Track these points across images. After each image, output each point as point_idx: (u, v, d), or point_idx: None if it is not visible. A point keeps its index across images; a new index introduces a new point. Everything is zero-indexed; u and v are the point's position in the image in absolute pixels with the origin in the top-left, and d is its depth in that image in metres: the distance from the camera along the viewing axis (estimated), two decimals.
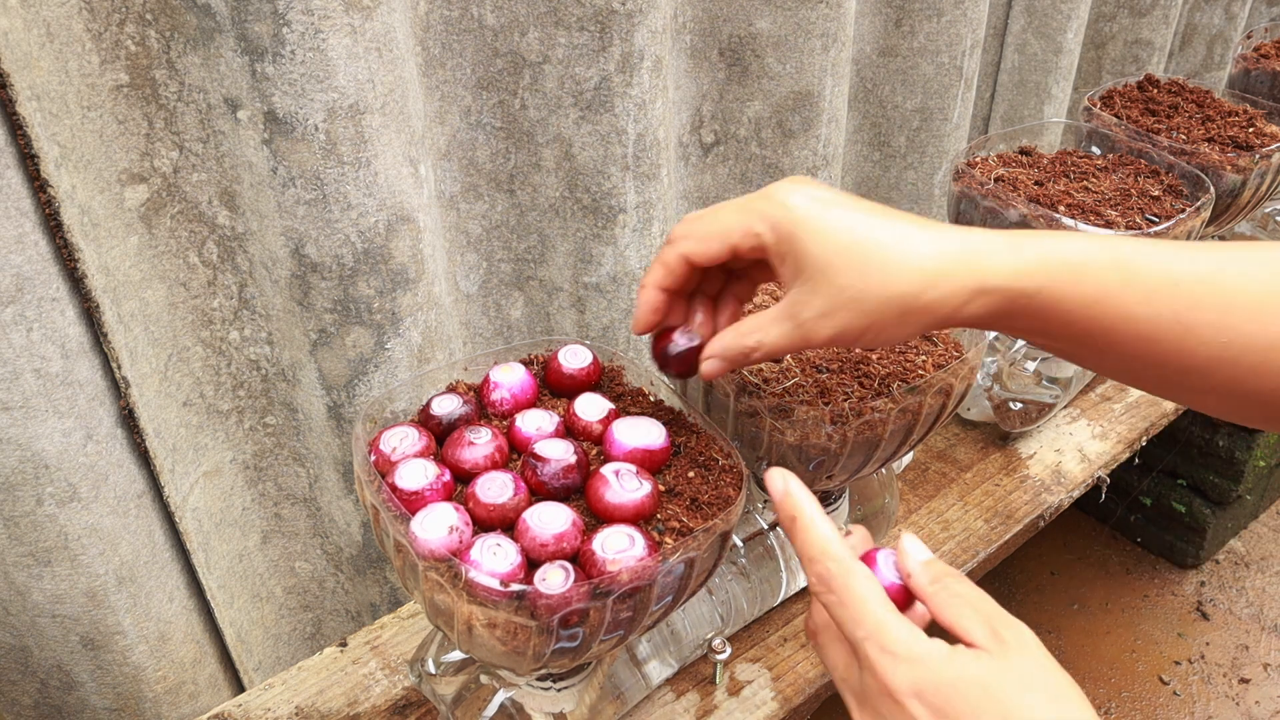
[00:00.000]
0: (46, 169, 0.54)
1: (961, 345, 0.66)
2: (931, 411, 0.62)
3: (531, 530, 0.48)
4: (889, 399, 0.59)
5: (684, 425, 0.58)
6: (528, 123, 0.75)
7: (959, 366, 0.62)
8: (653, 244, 0.83)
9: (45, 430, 0.58)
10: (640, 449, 0.54)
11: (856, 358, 0.63)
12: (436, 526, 0.48)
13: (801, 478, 0.62)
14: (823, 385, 0.60)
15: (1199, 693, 1.46)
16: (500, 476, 0.51)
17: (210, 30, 0.57)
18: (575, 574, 0.47)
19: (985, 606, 0.43)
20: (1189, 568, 1.66)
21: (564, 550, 0.48)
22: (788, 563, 0.75)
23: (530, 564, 0.48)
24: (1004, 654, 0.41)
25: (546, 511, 0.49)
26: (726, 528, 0.51)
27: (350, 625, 0.86)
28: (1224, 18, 1.47)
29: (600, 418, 0.57)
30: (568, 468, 0.52)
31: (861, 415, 0.58)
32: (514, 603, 0.46)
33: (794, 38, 0.85)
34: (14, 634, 0.65)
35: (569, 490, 0.52)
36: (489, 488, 0.50)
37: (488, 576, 0.46)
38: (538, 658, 0.49)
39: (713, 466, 0.55)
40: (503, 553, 0.47)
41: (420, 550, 0.47)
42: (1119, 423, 0.99)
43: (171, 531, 0.69)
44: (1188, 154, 0.91)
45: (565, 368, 0.60)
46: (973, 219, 0.83)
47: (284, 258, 0.65)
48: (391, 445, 0.54)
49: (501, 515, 0.50)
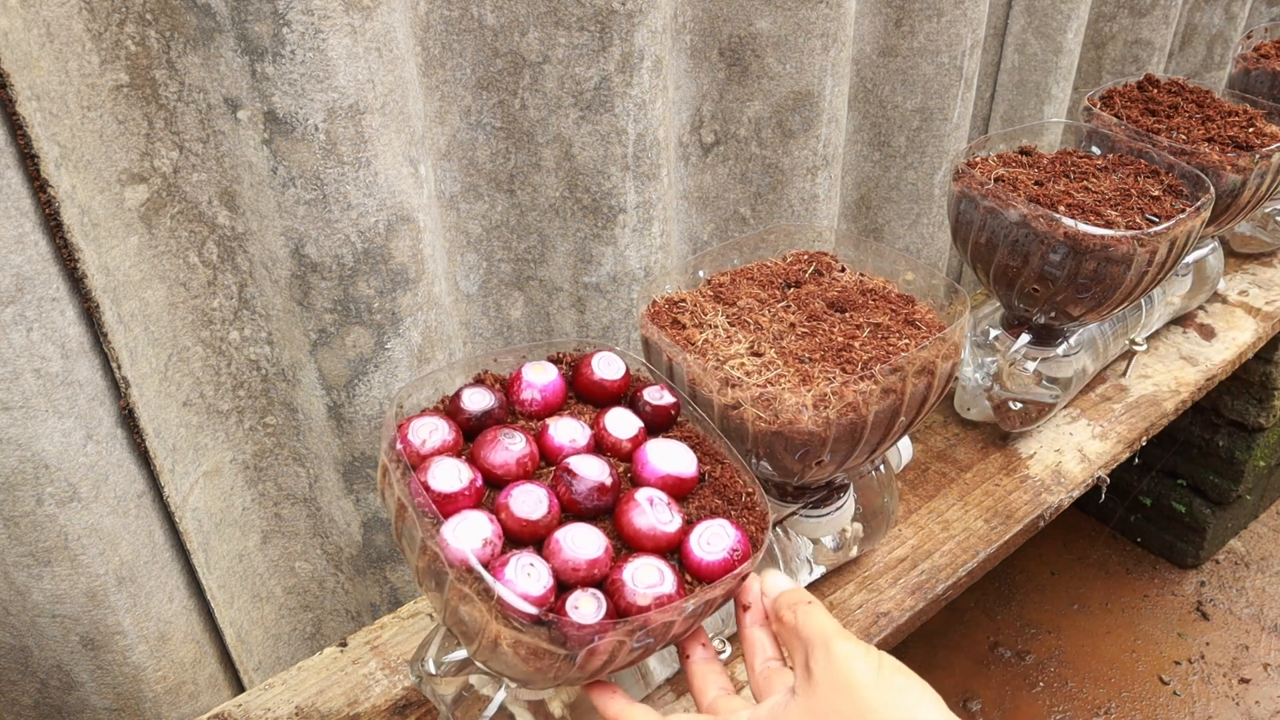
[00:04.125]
0: (46, 169, 0.54)
1: (944, 326, 0.66)
2: (917, 393, 0.62)
3: (564, 552, 0.47)
4: (871, 380, 0.59)
5: (707, 452, 0.58)
6: (528, 123, 0.75)
7: (939, 344, 0.62)
8: (653, 244, 0.83)
9: (45, 430, 0.58)
10: (672, 476, 0.53)
11: (839, 346, 0.63)
12: (470, 536, 0.47)
13: (791, 468, 0.62)
14: (805, 374, 0.60)
15: (1199, 693, 1.46)
16: (535, 491, 0.50)
17: (210, 30, 0.57)
18: (607, 606, 0.46)
19: (801, 636, 0.47)
20: (1189, 568, 1.66)
21: (594, 576, 0.48)
22: (787, 564, 0.75)
23: (559, 585, 0.48)
24: (806, 693, 0.45)
25: (580, 534, 0.48)
26: (748, 571, 0.51)
27: (350, 625, 0.86)
28: (1224, 18, 1.47)
29: (631, 436, 0.56)
30: (602, 488, 0.51)
31: (844, 398, 0.58)
32: (548, 630, 0.45)
33: (794, 38, 0.85)
34: (14, 634, 0.65)
35: (600, 510, 0.51)
36: (523, 501, 0.49)
37: (521, 600, 0.45)
38: (557, 678, 0.49)
39: (737, 503, 0.55)
40: (536, 574, 0.46)
41: (451, 558, 0.46)
42: (1119, 423, 0.99)
43: (171, 531, 0.69)
44: (1188, 154, 0.91)
45: (598, 376, 0.59)
46: (973, 219, 0.83)
47: (284, 258, 0.65)
48: (421, 437, 0.52)
49: (533, 531, 0.49)
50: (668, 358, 0.64)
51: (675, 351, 0.63)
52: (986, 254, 0.83)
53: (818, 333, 0.65)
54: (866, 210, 1.10)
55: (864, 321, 0.66)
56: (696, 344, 0.64)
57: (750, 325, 0.66)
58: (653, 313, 0.68)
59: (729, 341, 0.64)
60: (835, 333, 0.65)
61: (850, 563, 0.81)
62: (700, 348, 0.64)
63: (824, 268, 0.73)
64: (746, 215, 0.94)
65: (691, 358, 0.62)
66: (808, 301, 0.68)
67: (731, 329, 0.65)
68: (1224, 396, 1.46)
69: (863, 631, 0.76)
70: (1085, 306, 0.82)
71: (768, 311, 0.67)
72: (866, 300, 0.68)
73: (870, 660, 0.44)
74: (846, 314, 0.67)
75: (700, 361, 0.62)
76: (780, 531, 0.74)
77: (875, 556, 0.82)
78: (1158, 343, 1.12)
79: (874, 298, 0.69)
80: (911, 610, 0.77)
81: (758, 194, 0.93)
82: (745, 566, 0.50)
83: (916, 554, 0.83)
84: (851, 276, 0.72)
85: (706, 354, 0.63)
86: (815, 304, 0.68)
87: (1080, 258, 0.77)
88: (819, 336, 0.64)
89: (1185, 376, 1.07)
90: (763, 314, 0.67)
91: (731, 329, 0.65)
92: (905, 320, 0.66)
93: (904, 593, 0.79)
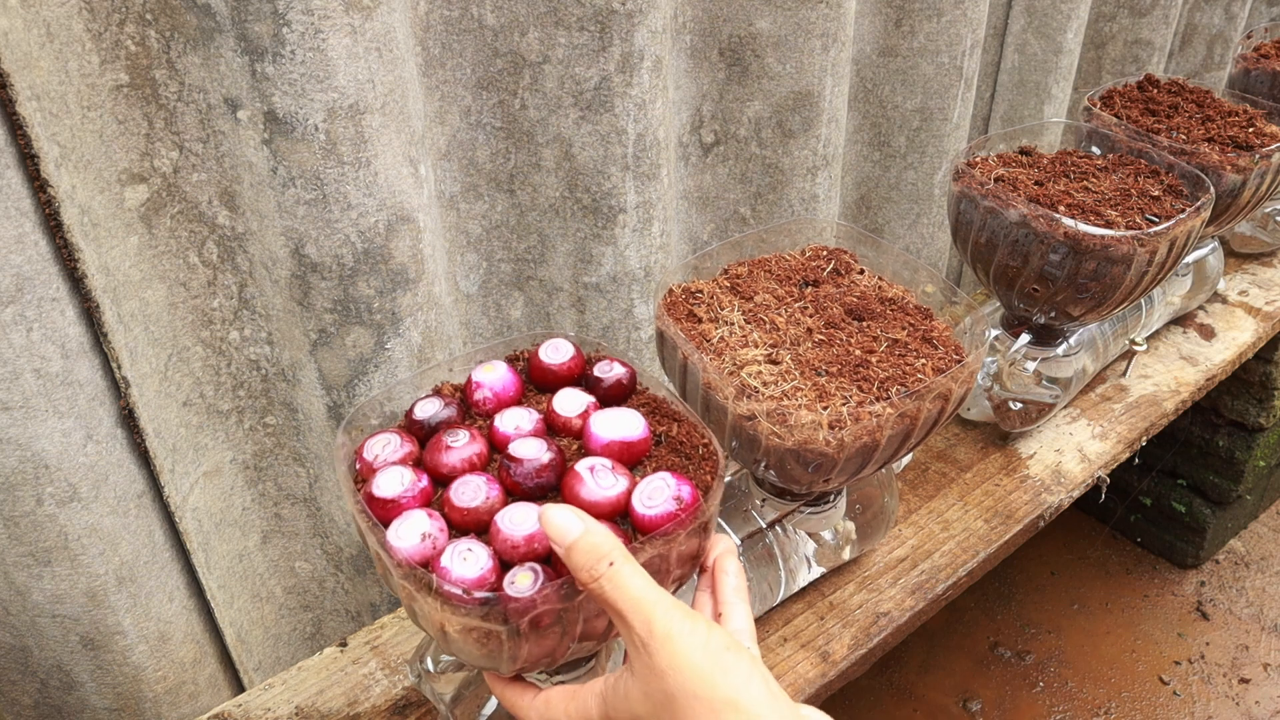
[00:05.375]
0: (46, 169, 0.54)
1: (962, 348, 0.66)
2: (930, 416, 0.61)
3: (503, 532, 0.48)
4: (888, 403, 0.59)
5: (666, 414, 0.58)
6: (528, 123, 0.75)
7: (959, 371, 0.62)
8: (653, 244, 0.83)
9: (45, 430, 0.58)
10: (618, 441, 0.53)
11: (856, 360, 0.63)
12: (410, 534, 0.48)
13: (800, 480, 0.62)
14: (821, 389, 0.60)
15: (1199, 693, 1.46)
16: (475, 479, 0.50)
17: (210, 30, 0.57)
18: (545, 575, 0.47)
19: (615, 606, 0.45)
20: (1189, 568, 1.66)
21: (536, 551, 0.48)
22: (786, 563, 0.75)
23: (504, 565, 0.48)
24: (638, 669, 0.44)
25: (518, 513, 0.49)
26: (704, 519, 0.50)
27: (350, 625, 0.86)
28: (1224, 18, 1.47)
29: (579, 412, 0.56)
30: (541, 467, 0.51)
31: (860, 420, 0.58)
32: (484, 609, 0.45)
33: (794, 38, 0.85)
34: (14, 634, 0.65)
35: (545, 489, 0.51)
36: (463, 491, 0.50)
37: (454, 585, 0.46)
38: (514, 659, 0.49)
39: (693, 455, 0.55)
40: (473, 558, 0.47)
41: (396, 558, 0.47)
42: (1119, 423, 0.99)
43: (171, 531, 0.69)
44: (1188, 154, 0.91)
45: (546, 362, 0.59)
46: (973, 219, 0.83)
47: (284, 258, 0.65)
48: (374, 453, 0.53)
49: (476, 518, 0.49)
50: (683, 355, 0.63)
51: (691, 350, 0.62)
52: (986, 254, 0.83)
53: (835, 342, 0.64)
54: (866, 210, 1.10)
55: (881, 335, 0.65)
56: (712, 341, 0.64)
57: (766, 325, 0.65)
58: (669, 303, 0.67)
59: (745, 342, 0.64)
60: (852, 344, 0.64)
61: (851, 563, 0.81)
62: (716, 346, 0.63)
63: (843, 267, 0.72)
64: (746, 215, 0.94)
65: (708, 360, 0.62)
66: (826, 305, 0.68)
67: (747, 327, 0.65)
68: (1224, 396, 1.46)
69: (863, 631, 0.76)
70: (1085, 306, 0.82)
71: (784, 311, 0.67)
72: (885, 310, 0.68)
73: (696, 638, 0.43)
74: (864, 323, 0.67)
75: (717, 365, 0.62)
76: (780, 530, 0.74)
77: (875, 556, 0.82)
78: (1158, 343, 1.12)
79: (892, 308, 0.68)
80: (911, 610, 0.77)
81: (758, 194, 0.93)
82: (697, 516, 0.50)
83: (916, 554, 0.83)
84: (870, 280, 0.71)
85: (723, 354, 0.63)
86: (833, 309, 0.67)
87: (1080, 258, 0.77)
88: (836, 347, 0.64)
89: (1185, 376, 1.07)
90: (779, 313, 0.67)
91: (747, 327, 0.65)
92: (923, 338, 0.65)
93: (904, 593, 0.79)
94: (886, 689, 1.47)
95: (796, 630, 0.76)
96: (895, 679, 1.49)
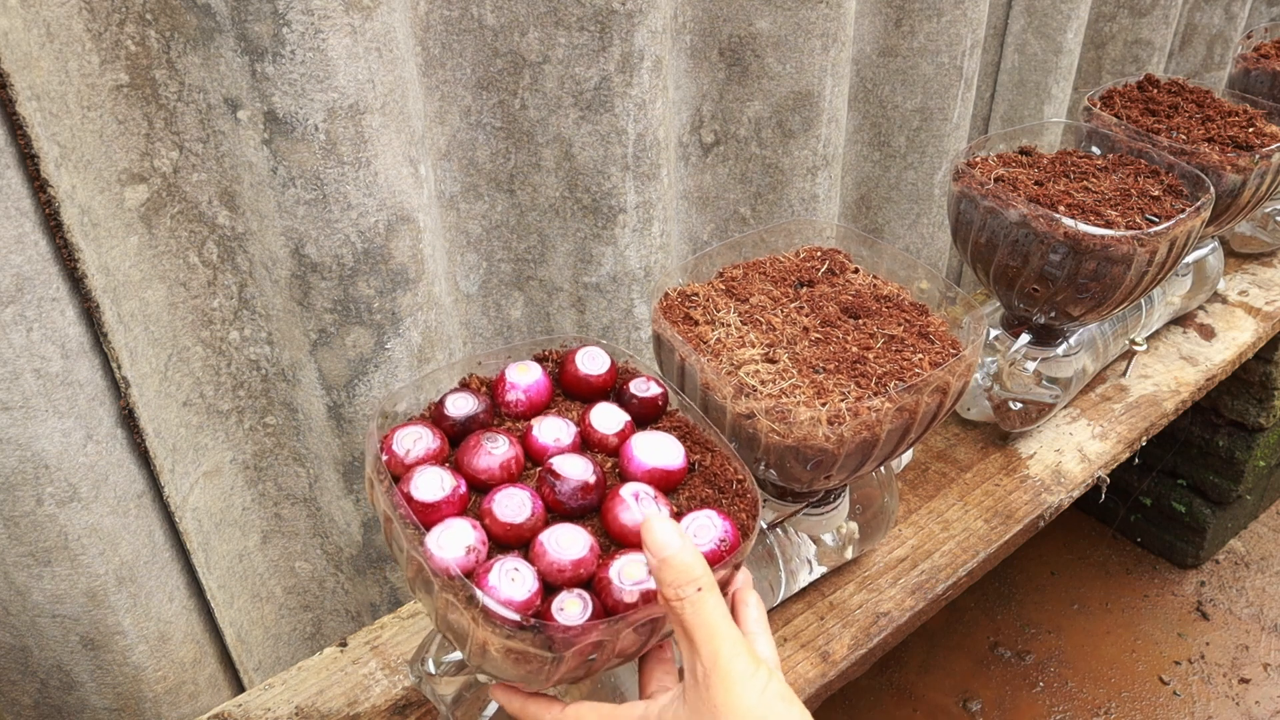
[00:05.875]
0: (46, 169, 0.54)
1: (958, 343, 0.66)
2: (929, 410, 0.62)
3: (549, 554, 0.47)
4: (886, 398, 0.59)
5: (698, 440, 0.57)
6: (528, 123, 0.75)
7: (956, 364, 0.62)
8: (653, 244, 0.83)
9: (45, 430, 0.58)
10: (659, 469, 0.53)
11: (853, 357, 0.63)
12: (453, 545, 0.47)
13: (800, 478, 0.62)
14: (819, 386, 0.60)
15: (1199, 693, 1.46)
16: (518, 494, 0.50)
17: (210, 30, 0.57)
18: (593, 606, 0.46)
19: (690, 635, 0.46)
20: (1189, 568, 1.66)
21: (581, 576, 0.47)
22: (786, 563, 0.75)
23: (545, 586, 0.47)
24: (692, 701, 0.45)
25: (565, 535, 0.48)
26: (740, 560, 0.51)
27: (350, 625, 0.86)
28: (1224, 18, 1.47)
29: (616, 430, 0.55)
30: (586, 487, 0.50)
31: (858, 415, 0.58)
32: (532, 634, 0.45)
33: (794, 38, 0.85)
34: (14, 634, 0.65)
35: (587, 509, 0.51)
36: (506, 505, 0.49)
37: (504, 606, 0.45)
38: (549, 679, 0.48)
39: (728, 490, 0.54)
40: (520, 578, 0.46)
41: (436, 567, 0.46)
42: (1119, 423, 0.99)
43: (171, 531, 0.69)
44: (1188, 154, 0.91)
45: (583, 372, 0.59)
46: (973, 219, 0.83)
47: (284, 258, 0.65)
48: (405, 447, 0.52)
49: (518, 535, 0.49)
50: (680, 357, 0.63)
51: (689, 352, 0.62)
52: (986, 254, 0.83)
53: (831, 340, 0.64)
54: (866, 210, 1.10)
55: (877, 331, 0.65)
56: (709, 342, 0.64)
57: (763, 325, 0.65)
58: (665, 306, 0.68)
59: (741, 343, 0.64)
60: (849, 341, 0.64)
61: (850, 563, 0.81)
62: (713, 347, 0.63)
63: (837, 266, 0.73)
64: (746, 215, 0.94)
65: (705, 360, 0.62)
66: (821, 304, 0.68)
67: (744, 328, 0.65)
68: (1224, 396, 1.46)
69: (863, 631, 0.76)
70: (1085, 306, 0.82)
71: (780, 312, 0.67)
72: (880, 308, 0.68)
73: (756, 682, 0.44)
74: (860, 321, 0.67)
75: (714, 365, 0.61)
76: (781, 531, 0.74)
77: (875, 556, 0.82)
78: (1158, 343, 1.12)
79: (888, 305, 0.68)
80: (911, 610, 0.77)
81: (758, 194, 0.93)
82: (735, 556, 0.50)
83: (916, 554, 0.83)
84: (865, 279, 0.72)
85: (720, 355, 0.63)
86: (829, 308, 0.68)
87: (1080, 258, 0.77)
88: (833, 344, 0.64)
89: (1185, 376, 1.07)
90: (775, 314, 0.67)
91: (744, 328, 0.65)
92: (919, 333, 0.66)
93: (904, 593, 0.79)
94: (886, 689, 1.47)
95: (796, 630, 0.76)
96: (895, 679, 1.49)
